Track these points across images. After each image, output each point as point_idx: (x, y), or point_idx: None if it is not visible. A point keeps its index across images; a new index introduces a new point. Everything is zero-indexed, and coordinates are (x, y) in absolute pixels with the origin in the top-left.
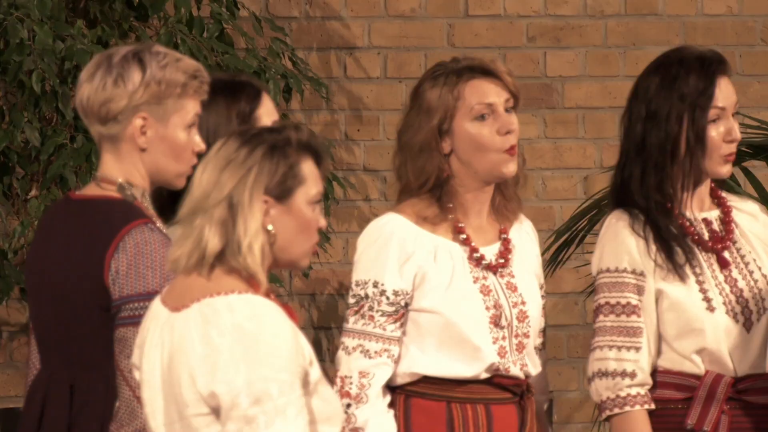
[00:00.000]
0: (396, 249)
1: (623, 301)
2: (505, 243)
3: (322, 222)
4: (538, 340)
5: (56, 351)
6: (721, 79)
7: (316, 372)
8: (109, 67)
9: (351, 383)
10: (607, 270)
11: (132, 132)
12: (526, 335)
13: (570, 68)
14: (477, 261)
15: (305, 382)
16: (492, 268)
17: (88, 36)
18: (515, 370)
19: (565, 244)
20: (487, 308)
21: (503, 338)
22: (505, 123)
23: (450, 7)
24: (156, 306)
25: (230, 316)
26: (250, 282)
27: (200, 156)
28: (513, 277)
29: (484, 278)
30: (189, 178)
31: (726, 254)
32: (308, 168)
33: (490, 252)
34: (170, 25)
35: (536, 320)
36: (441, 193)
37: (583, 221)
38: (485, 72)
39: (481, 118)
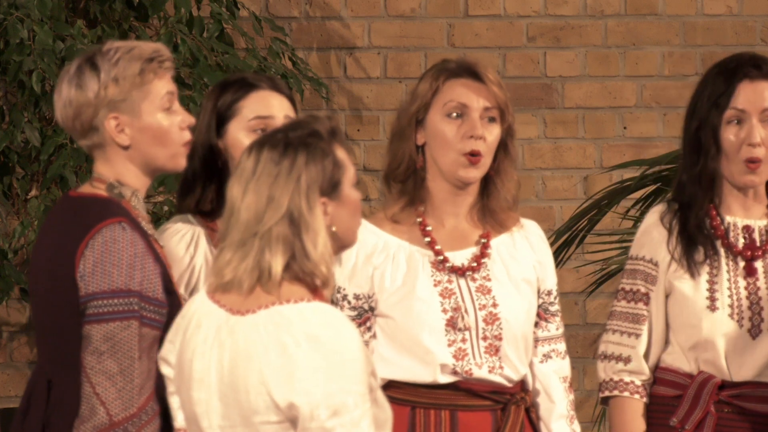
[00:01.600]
0: (355, 253)
1: (634, 288)
2: (483, 248)
3: (360, 194)
4: (548, 347)
5: (43, 347)
6: (747, 82)
7: (376, 380)
8: (69, 79)
9: None
10: (631, 257)
11: (110, 134)
12: (498, 338)
13: (570, 68)
14: (441, 264)
15: (371, 390)
16: (459, 271)
17: (88, 36)
18: (481, 373)
19: (565, 244)
20: (444, 311)
21: (463, 340)
22: (471, 127)
23: (450, 7)
24: (205, 304)
25: (303, 324)
26: (314, 289)
27: (192, 129)
28: (488, 280)
29: (449, 281)
30: (188, 157)
31: (758, 264)
32: (341, 153)
33: (462, 256)
34: (170, 25)
35: (514, 323)
36: (413, 187)
37: (583, 221)
38: (473, 75)
39: (453, 116)
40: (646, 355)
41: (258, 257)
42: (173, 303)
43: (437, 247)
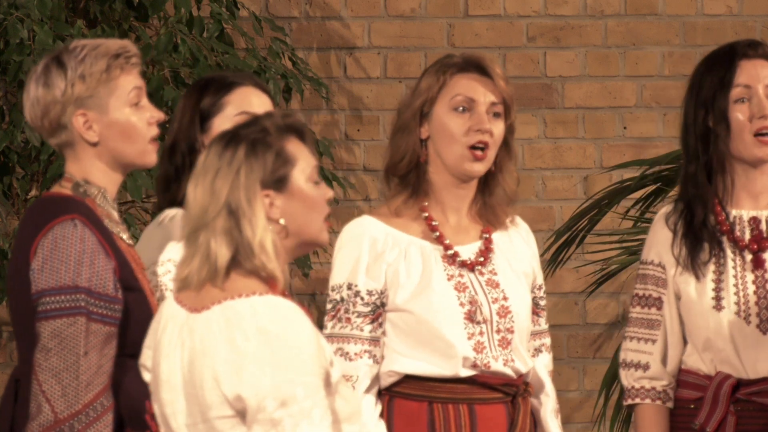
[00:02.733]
0: (366, 249)
1: (647, 293)
2: (486, 242)
3: (330, 193)
4: (539, 341)
5: (17, 346)
6: (746, 61)
7: (336, 372)
8: (36, 78)
9: None
10: (641, 262)
11: (78, 131)
12: (510, 330)
13: (570, 68)
14: (452, 258)
15: (327, 383)
16: (468, 266)
17: (88, 36)
18: (497, 366)
19: (565, 244)
20: (462, 304)
21: (480, 333)
22: (478, 121)
23: (450, 7)
24: (171, 306)
25: (254, 319)
26: (269, 282)
27: (161, 125)
28: (495, 274)
29: (460, 275)
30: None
31: (767, 255)
32: (294, 147)
33: (468, 250)
34: (170, 25)
35: (522, 316)
36: (416, 181)
37: (583, 221)
38: (480, 70)
39: (460, 110)
40: (665, 359)
41: (206, 250)
42: (137, 299)
43: (447, 242)
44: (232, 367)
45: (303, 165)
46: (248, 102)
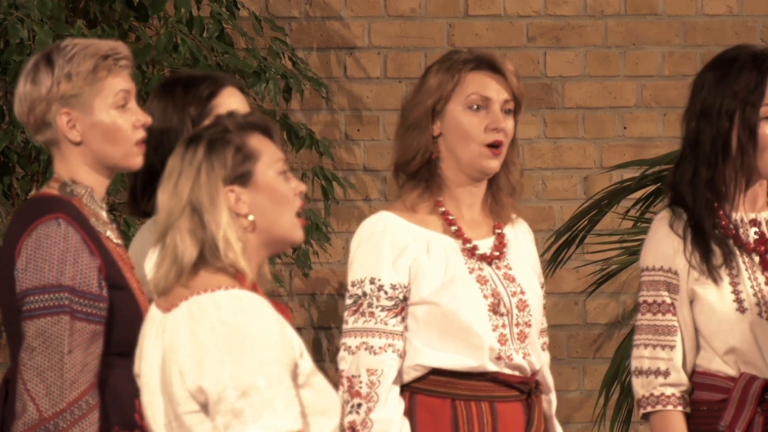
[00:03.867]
0: (389, 244)
1: (658, 300)
2: (500, 237)
3: (302, 186)
4: (541, 340)
5: (9, 347)
6: None
7: (307, 364)
8: (26, 75)
9: (360, 382)
10: (646, 268)
11: (61, 130)
12: (528, 324)
13: (570, 68)
14: (471, 252)
15: (295, 375)
16: (487, 259)
17: (88, 36)
18: (518, 359)
19: (565, 244)
20: (485, 296)
21: (503, 326)
22: (494, 120)
23: (450, 7)
24: (152, 311)
25: (216, 312)
26: (238, 278)
27: (148, 130)
28: (510, 269)
29: (480, 269)
30: (146, 155)
31: None
32: (257, 142)
33: (484, 245)
34: (170, 25)
35: (536, 310)
36: (428, 176)
37: (583, 221)
38: (493, 68)
39: (474, 108)
40: (683, 365)
41: (173, 251)
42: (124, 298)
43: (465, 236)
44: (195, 360)
45: (268, 159)
46: (230, 104)
